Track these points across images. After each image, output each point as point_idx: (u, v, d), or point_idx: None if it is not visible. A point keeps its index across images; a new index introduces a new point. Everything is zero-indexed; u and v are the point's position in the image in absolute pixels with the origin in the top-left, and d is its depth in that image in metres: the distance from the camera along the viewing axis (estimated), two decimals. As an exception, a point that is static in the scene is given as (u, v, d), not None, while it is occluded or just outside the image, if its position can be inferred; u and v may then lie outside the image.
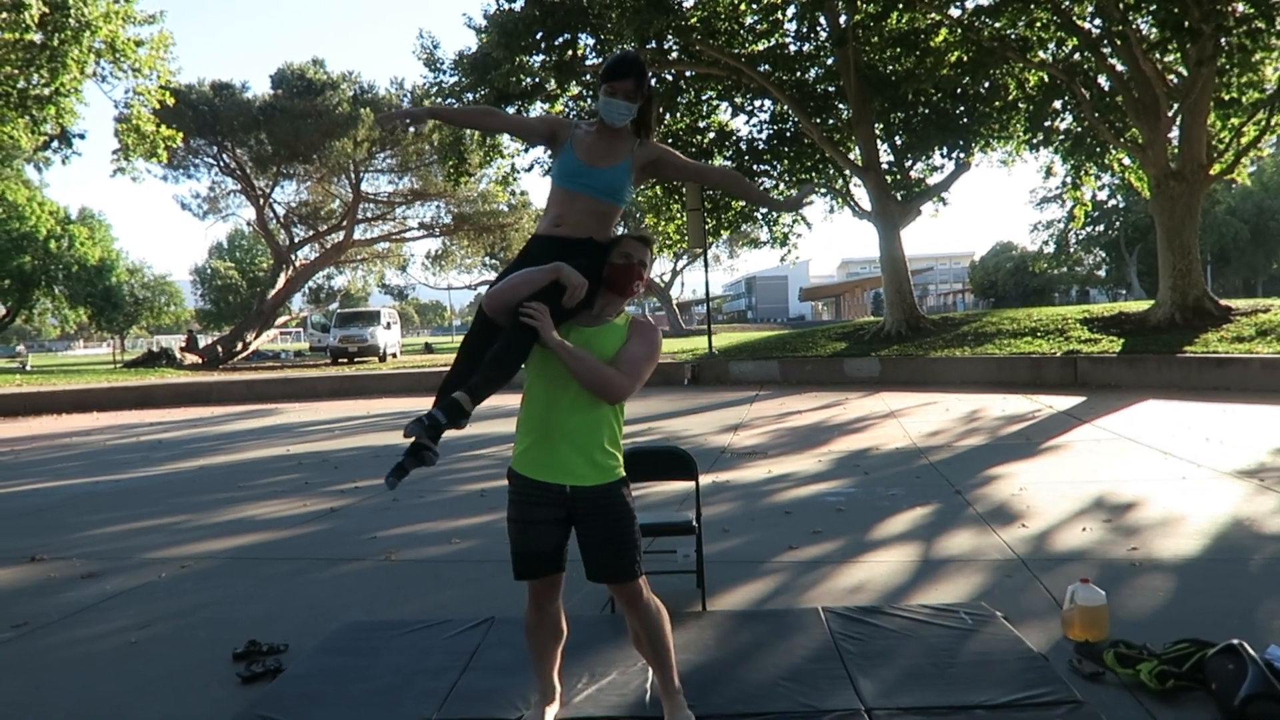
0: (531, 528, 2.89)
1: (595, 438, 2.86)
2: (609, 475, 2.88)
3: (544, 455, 2.86)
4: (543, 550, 2.90)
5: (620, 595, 2.97)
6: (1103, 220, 47.82)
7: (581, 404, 2.83)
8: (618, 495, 2.89)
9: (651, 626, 2.96)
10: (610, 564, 2.88)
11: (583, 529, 2.88)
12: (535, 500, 2.87)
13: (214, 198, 42.58)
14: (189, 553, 6.02)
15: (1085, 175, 21.83)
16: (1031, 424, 10.81)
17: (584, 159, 3.03)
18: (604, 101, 3.00)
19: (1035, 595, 4.48)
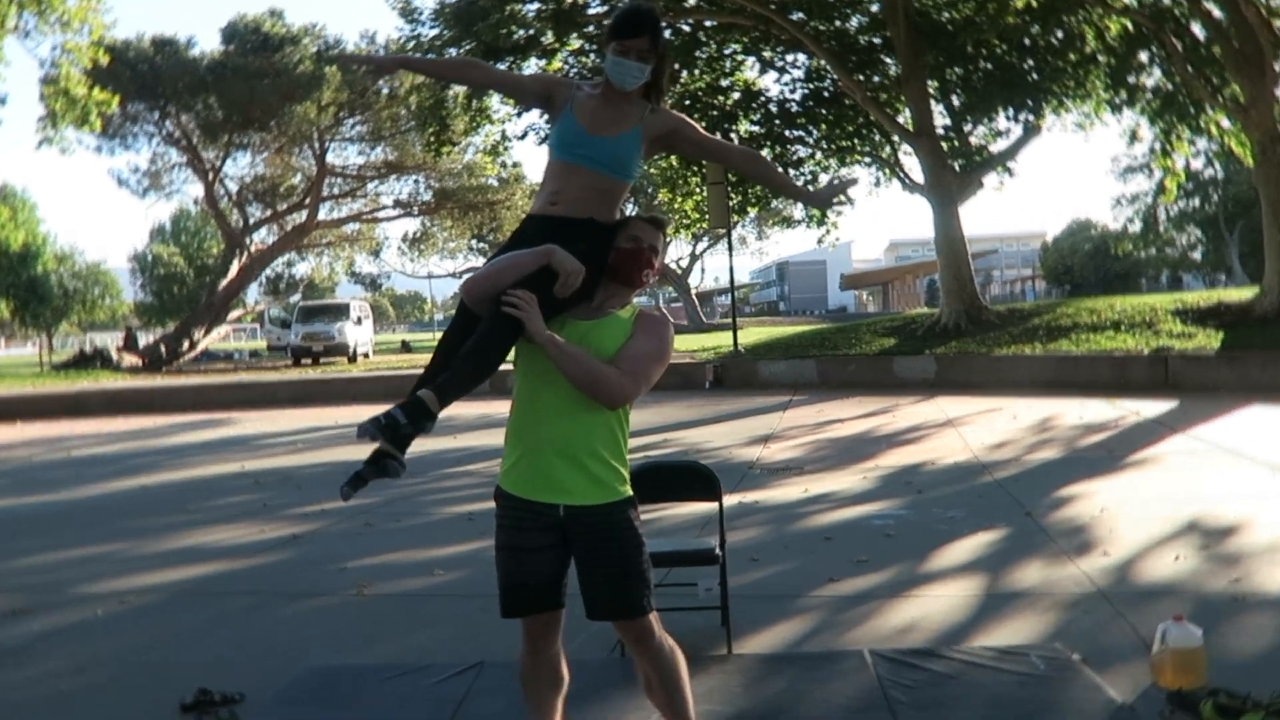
0: (522, 556, 2.84)
1: (592, 448, 2.80)
2: (610, 493, 2.83)
3: (534, 470, 2.82)
4: (535, 583, 2.85)
5: (626, 635, 2.94)
6: (1198, 193, 47.58)
7: (576, 409, 2.78)
8: (621, 516, 2.84)
9: (665, 671, 2.91)
10: (612, 599, 2.85)
11: (580, 557, 2.84)
12: (525, 524, 2.84)
13: (156, 172, 42.66)
14: (130, 586, 6.05)
15: (1177, 140, 21.70)
16: (1114, 433, 10.79)
17: (585, 126, 3.00)
18: (612, 61, 2.95)
19: (1119, 635, 4.47)
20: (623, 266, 2.87)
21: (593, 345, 2.80)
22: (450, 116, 23.03)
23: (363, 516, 7.92)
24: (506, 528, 2.88)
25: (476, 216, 42.59)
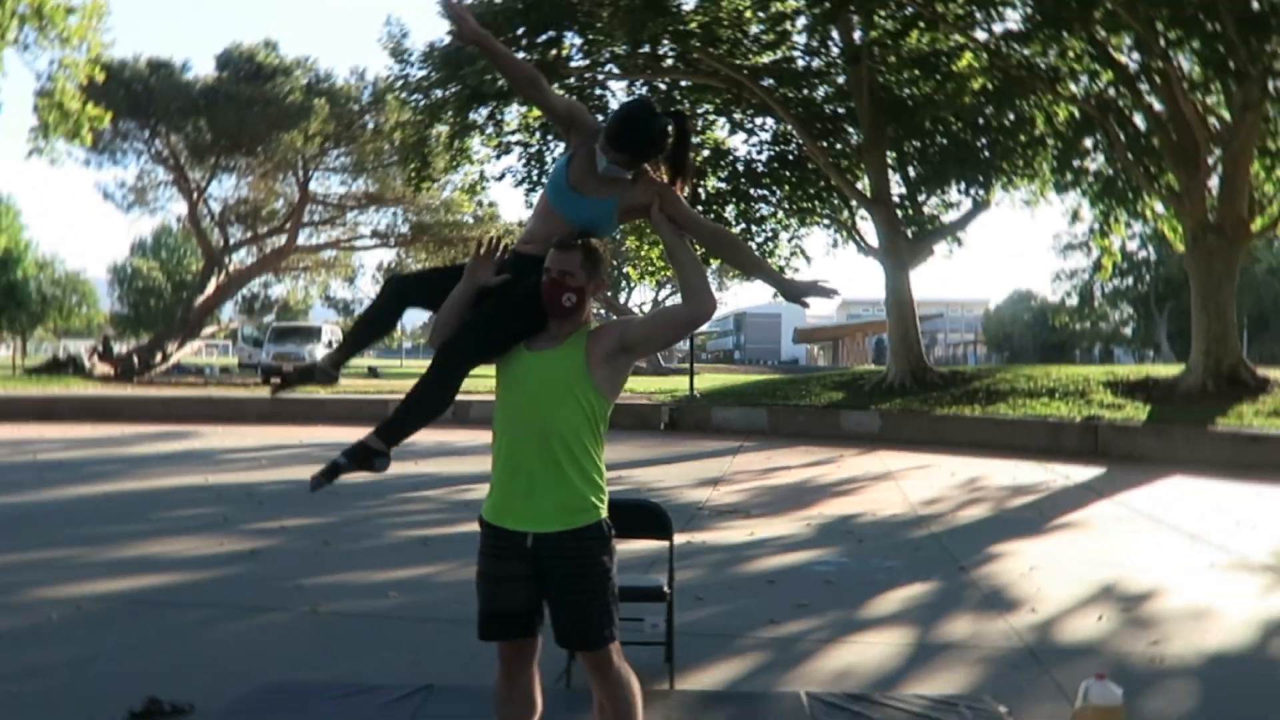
0: (499, 585, 2.82)
1: (560, 473, 2.78)
2: (578, 519, 2.80)
3: (506, 499, 2.83)
4: (511, 609, 2.82)
5: (587, 663, 2.90)
6: (1132, 273, 48.62)
7: (547, 442, 2.76)
8: (589, 545, 2.81)
9: (620, 702, 2.87)
10: (573, 628, 2.82)
11: (548, 585, 2.81)
12: (501, 552, 2.82)
13: (141, 188, 42.26)
14: (86, 592, 5.91)
15: (1115, 222, 22.18)
16: (1045, 496, 10.89)
17: (574, 182, 3.00)
18: (603, 159, 2.92)
19: (1044, 690, 4.48)
20: (544, 297, 2.83)
21: (549, 373, 2.82)
22: (432, 154, 23.04)
23: (321, 536, 7.81)
24: (485, 555, 2.87)
25: (451, 251, 42.45)
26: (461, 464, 13.00)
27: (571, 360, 2.81)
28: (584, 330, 2.90)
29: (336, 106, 37.49)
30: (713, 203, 23.31)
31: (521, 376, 2.85)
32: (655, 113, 3.00)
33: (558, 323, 2.86)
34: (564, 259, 2.79)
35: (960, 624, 5.58)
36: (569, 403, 2.80)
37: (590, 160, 2.98)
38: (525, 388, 2.83)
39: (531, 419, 2.79)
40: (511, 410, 2.85)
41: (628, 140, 2.88)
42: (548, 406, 2.79)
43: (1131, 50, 18.22)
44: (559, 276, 2.78)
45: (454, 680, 4.34)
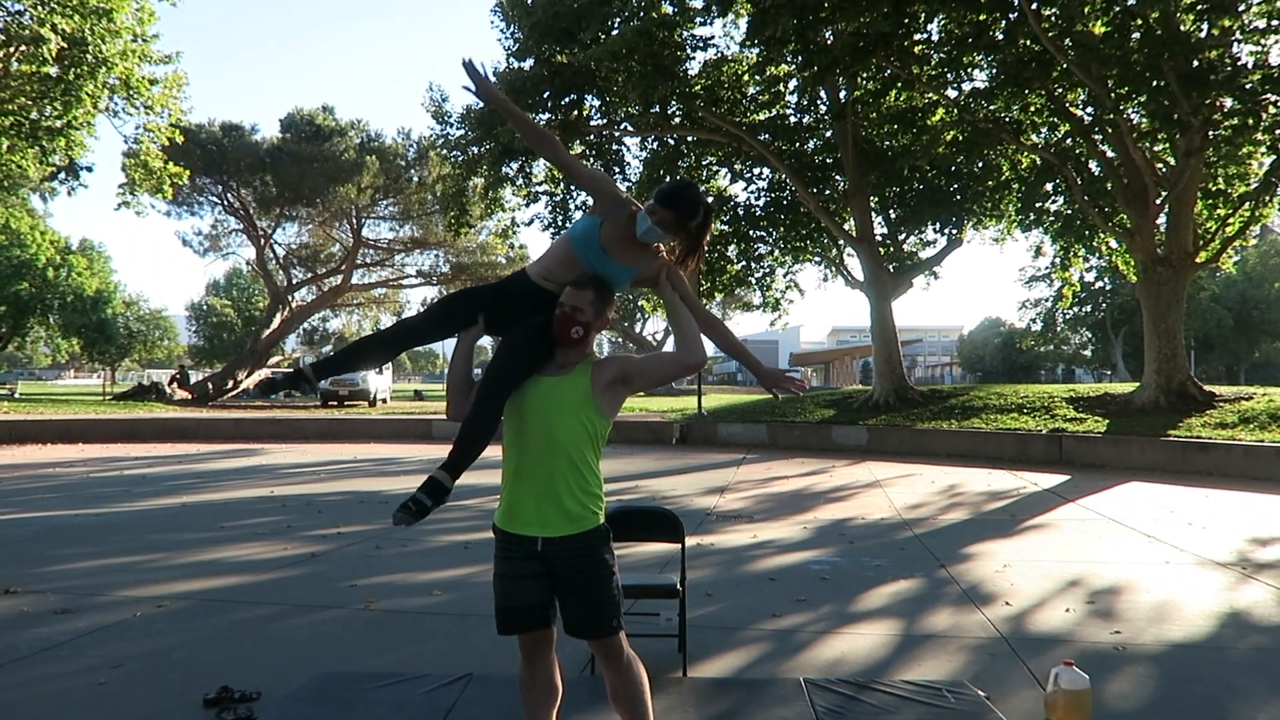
0: (513, 583, 2.85)
1: (564, 482, 2.82)
2: (582, 524, 2.83)
3: (517, 507, 2.86)
4: (525, 605, 2.85)
5: (598, 651, 2.93)
6: (1090, 301, 48.33)
7: (552, 455, 2.82)
8: (592, 546, 2.84)
9: (630, 685, 2.89)
10: (584, 620, 2.84)
11: (558, 582, 2.84)
12: (513, 555, 2.86)
13: (215, 236, 42.75)
14: (165, 592, 5.92)
15: (1074, 257, 22.14)
16: (1015, 500, 10.80)
17: (605, 244, 2.98)
18: (643, 216, 2.94)
19: (1018, 676, 4.42)
20: (555, 328, 2.90)
21: (558, 396, 2.86)
22: (469, 203, 23.18)
23: (373, 541, 7.81)
24: (500, 558, 2.90)
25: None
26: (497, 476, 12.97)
27: (578, 386, 2.87)
28: (589, 360, 2.96)
29: (385, 162, 37.85)
30: (716, 244, 23.35)
31: (532, 399, 2.88)
32: (698, 191, 3.04)
33: (564, 352, 2.94)
34: (577, 296, 2.87)
35: (941, 616, 5.51)
36: (574, 423, 2.85)
37: (624, 226, 2.98)
38: (536, 409, 2.87)
39: (541, 437, 2.84)
40: (522, 429, 2.87)
41: (678, 200, 2.93)
42: (556, 426, 2.84)
43: (1086, 104, 18.23)
44: (570, 311, 2.87)
45: (492, 670, 4.32)
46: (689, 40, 19.93)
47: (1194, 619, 5.45)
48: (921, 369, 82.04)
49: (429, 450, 17.37)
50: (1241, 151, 16.28)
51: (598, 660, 2.98)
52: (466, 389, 3.04)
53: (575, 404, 2.85)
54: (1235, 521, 9.18)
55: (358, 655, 4.68)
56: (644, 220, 2.93)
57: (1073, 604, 5.78)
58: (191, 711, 3.83)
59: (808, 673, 4.40)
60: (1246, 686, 4.30)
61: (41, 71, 18.90)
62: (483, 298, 3.13)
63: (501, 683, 4.06)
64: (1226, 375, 53.44)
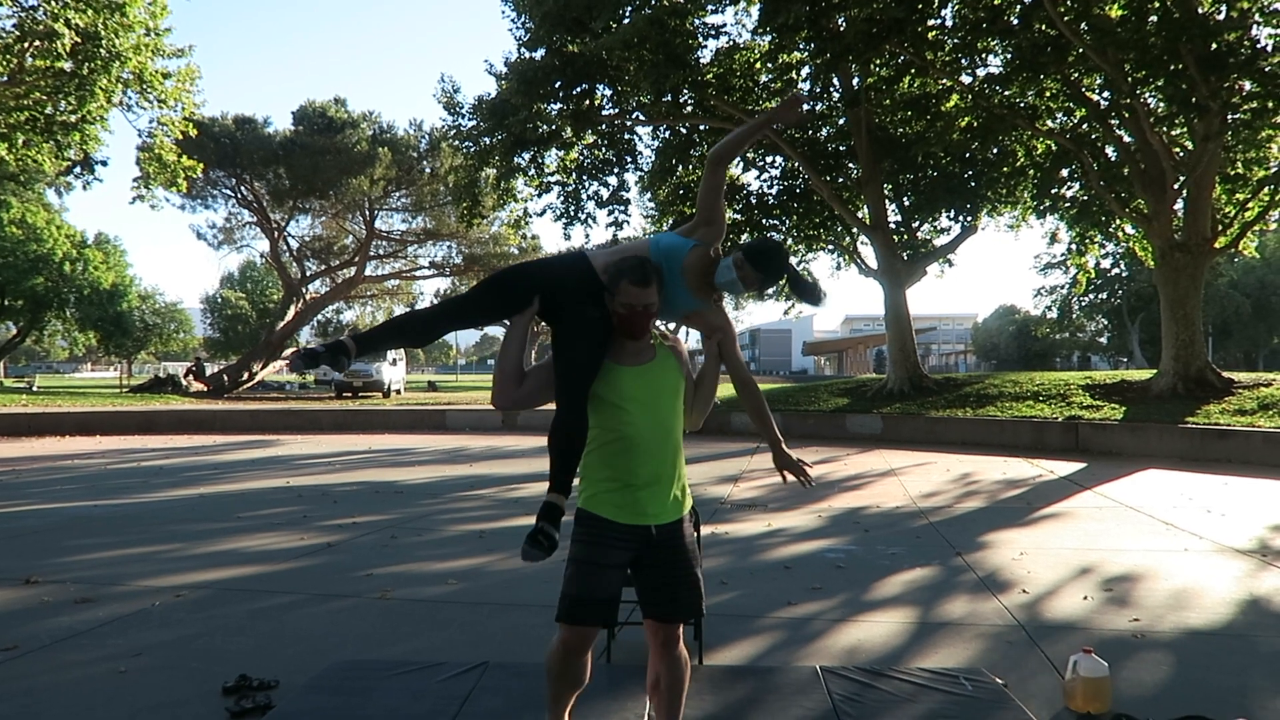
0: (598, 570, 2.75)
1: (671, 469, 2.84)
2: (684, 507, 2.89)
3: (629, 499, 2.78)
4: (607, 596, 2.78)
5: (666, 638, 2.86)
6: (1106, 288, 48.04)
7: (661, 443, 2.80)
8: (689, 530, 2.90)
9: (680, 673, 2.89)
10: (690, 601, 2.83)
11: (658, 566, 2.80)
12: (611, 543, 2.77)
13: (229, 228, 42.93)
14: (184, 581, 5.95)
15: (1090, 243, 22.00)
16: (1032, 488, 10.74)
17: (685, 267, 2.96)
18: (729, 268, 2.93)
19: (1035, 663, 4.40)
20: (625, 327, 2.84)
21: (661, 384, 2.86)
22: (481, 194, 23.17)
23: (388, 531, 7.83)
24: (587, 543, 2.79)
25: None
26: (511, 466, 13.02)
27: (671, 371, 2.89)
28: (661, 345, 2.95)
29: (398, 154, 37.89)
30: (729, 233, 23.30)
31: (632, 389, 2.82)
32: (788, 259, 3.02)
33: (636, 342, 2.89)
34: (644, 294, 2.78)
35: (958, 604, 5.49)
36: (676, 405, 2.88)
37: (709, 261, 2.98)
38: (641, 399, 2.82)
39: (653, 425, 2.80)
40: (625, 419, 2.79)
41: (766, 264, 2.92)
42: (663, 412, 2.83)
43: (1102, 89, 18.07)
44: (644, 310, 2.80)
45: (507, 657, 4.33)
46: (700, 28, 19.83)
47: (1213, 606, 5.41)
48: (936, 357, 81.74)
49: (443, 441, 17.42)
50: (1261, 135, 16.11)
51: (658, 648, 2.89)
52: (519, 377, 2.90)
53: (675, 390, 2.88)
54: (1255, 508, 9.11)
55: (374, 644, 4.70)
56: (727, 271, 2.92)
57: (1090, 591, 5.75)
58: (210, 700, 3.86)
59: (824, 660, 4.39)
60: (1267, 673, 4.27)
61: (56, 66, 19.00)
62: (537, 279, 2.97)
63: (517, 670, 4.07)
64: (1245, 361, 53.02)
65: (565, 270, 2.98)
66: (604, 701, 3.73)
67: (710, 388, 3.02)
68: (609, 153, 22.49)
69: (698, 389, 3.01)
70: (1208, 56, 14.48)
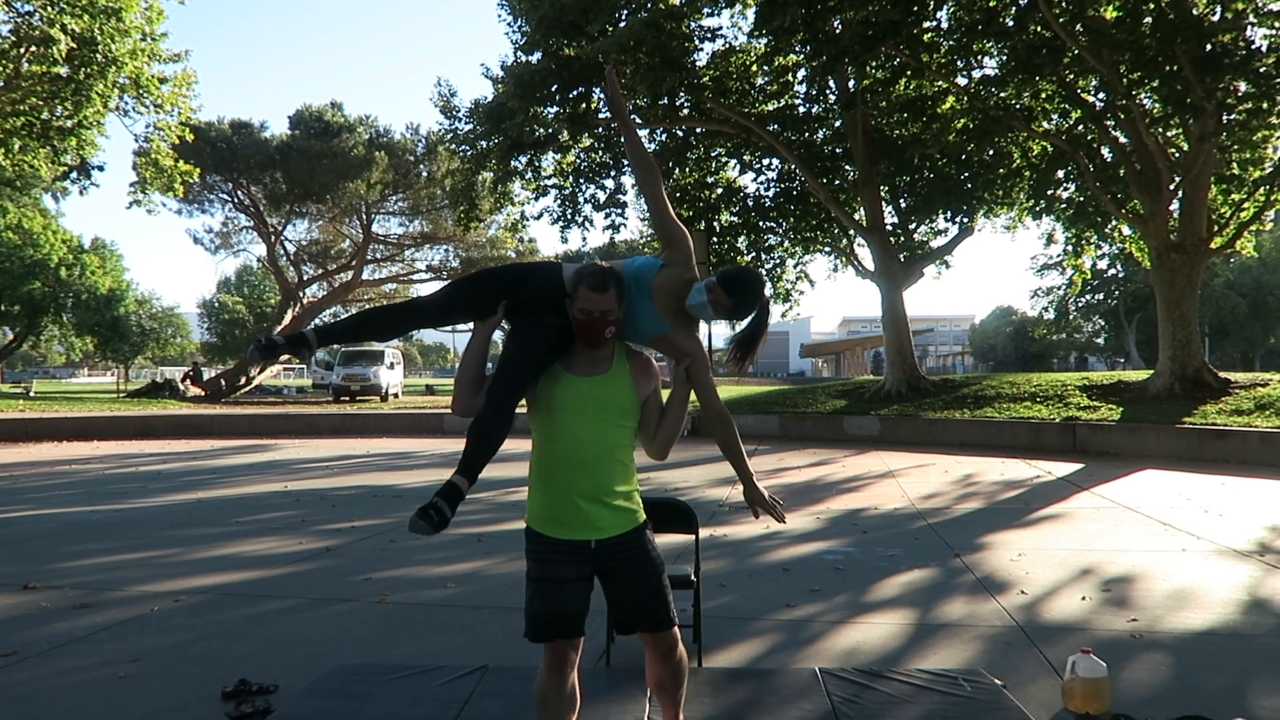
0: (554, 587, 2.73)
1: (613, 488, 2.76)
2: (631, 521, 2.80)
3: (562, 512, 2.75)
4: (570, 610, 2.74)
5: (655, 644, 2.85)
6: (1102, 289, 48.12)
7: (596, 455, 2.74)
8: (641, 541, 2.81)
9: (681, 677, 2.90)
10: (646, 614, 2.80)
11: (612, 581, 2.78)
12: (558, 559, 2.75)
13: (226, 233, 42.92)
14: (182, 586, 5.95)
15: (1086, 244, 22.03)
16: (1030, 489, 10.75)
17: (654, 288, 2.90)
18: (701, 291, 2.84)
19: (1034, 664, 4.41)
20: (583, 332, 2.78)
21: (604, 397, 2.78)
22: (478, 197, 23.16)
23: (387, 535, 7.84)
24: (540, 562, 2.77)
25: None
26: (506, 469, 13.00)
27: (622, 389, 2.81)
28: (621, 356, 2.86)
29: (395, 158, 37.92)
30: (726, 235, 23.32)
31: (573, 400, 2.78)
32: (764, 290, 2.95)
33: (592, 350, 2.82)
34: (602, 300, 2.72)
35: (956, 605, 5.50)
36: (622, 421, 2.80)
37: (680, 284, 2.91)
38: (580, 410, 2.77)
39: (590, 438, 2.74)
40: (563, 430, 2.76)
41: (739, 290, 2.84)
42: (605, 425, 2.77)
43: (1098, 90, 18.10)
44: (599, 316, 2.73)
45: (507, 661, 4.33)
46: (697, 31, 19.86)
47: (1212, 606, 5.42)
48: (933, 359, 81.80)
49: (441, 444, 17.41)
50: (1256, 136, 16.13)
51: (650, 653, 2.89)
52: (479, 384, 2.85)
53: (622, 406, 2.80)
54: (1252, 508, 9.12)
55: (373, 648, 4.70)
56: (699, 294, 2.84)
57: (1088, 592, 5.76)
58: (209, 704, 3.86)
59: (823, 662, 4.40)
60: (1266, 673, 4.28)
61: (52, 72, 19.01)
62: (506, 285, 2.97)
63: (517, 674, 4.07)
64: (1241, 362, 53.11)
65: (534, 277, 2.95)
66: (604, 704, 3.73)
67: (676, 416, 2.90)
68: (605, 156, 22.50)
69: (663, 416, 2.90)
70: (1203, 57, 14.51)
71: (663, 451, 2.89)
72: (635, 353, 2.92)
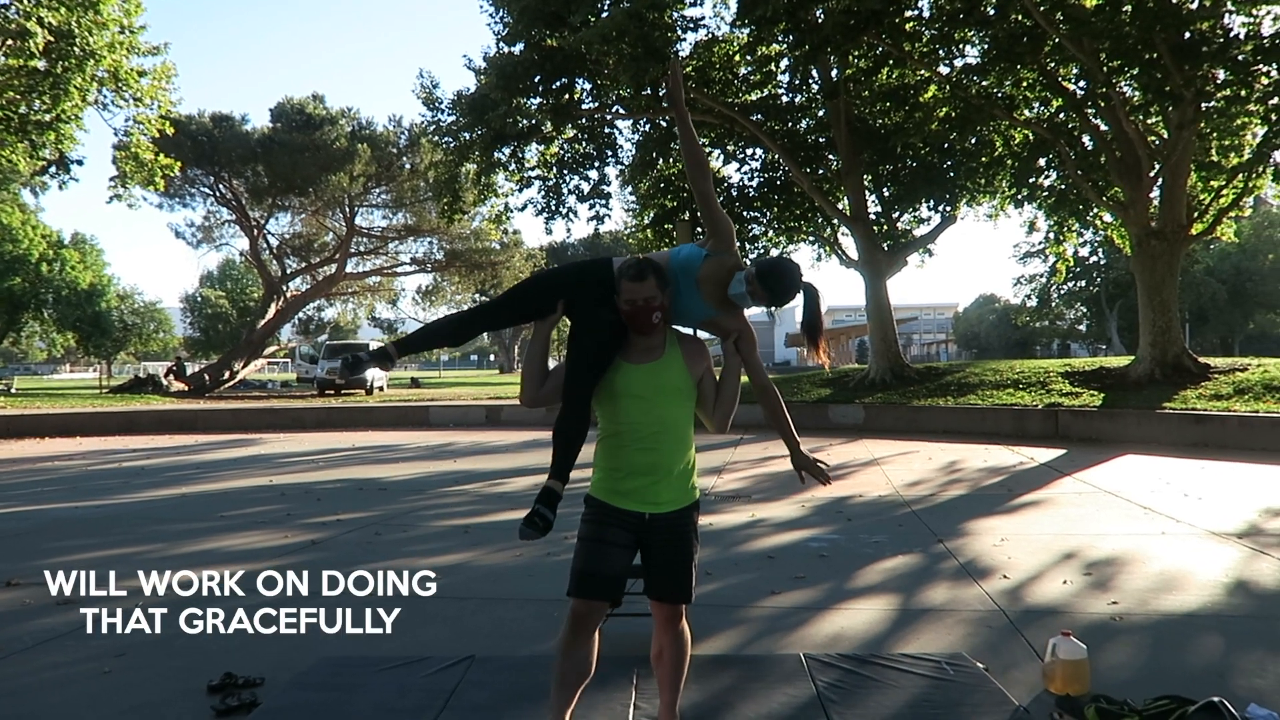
0: (605, 548, 2.92)
1: (671, 461, 2.96)
2: (686, 498, 3.01)
3: (626, 487, 2.95)
4: (612, 573, 2.93)
5: (668, 616, 3.05)
6: (1084, 276, 48.37)
7: (662, 433, 2.95)
8: (690, 519, 3.02)
9: (681, 650, 3.08)
10: (676, 585, 2.99)
11: (653, 550, 2.97)
12: (611, 523, 2.94)
13: (208, 227, 42.58)
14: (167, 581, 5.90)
15: (1068, 231, 22.14)
16: (1013, 475, 10.83)
17: (701, 278, 3.04)
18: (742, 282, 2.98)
19: (1016, 647, 4.45)
20: (632, 322, 2.96)
21: (663, 381, 2.96)
22: (462, 189, 23.05)
23: (372, 528, 7.82)
24: (592, 523, 2.96)
25: (480, 275, 42.65)
26: (495, 461, 13.01)
27: (678, 373, 2.99)
28: (671, 339, 3.04)
29: (377, 150, 37.69)
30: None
31: (634, 385, 2.96)
32: (801, 278, 3.04)
33: (646, 338, 2.99)
34: (642, 289, 2.90)
35: (939, 591, 5.54)
36: (679, 402, 2.99)
37: (724, 272, 3.04)
38: (641, 395, 2.95)
39: (652, 421, 2.94)
40: (627, 413, 2.95)
41: (773, 282, 2.96)
42: (664, 407, 2.95)
43: (1078, 79, 18.19)
44: (644, 304, 2.90)
45: (493, 651, 4.34)
46: (679, 21, 19.78)
47: (1191, 588, 5.48)
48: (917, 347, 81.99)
49: (427, 437, 17.38)
50: (1235, 123, 16.27)
51: (660, 624, 3.08)
52: (544, 376, 3.11)
53: (678, 388, 2.98)
54: (1231, 491, 9.23)
55: (360, 640, 4.69)
56: (739, 284, 2.99)
57: (1070, 576, 5.82)
58: (196, 697, 3.85)
59: (808, 648, 4.43)
60: (1244, 653, 4.33)
61: (29, 65, 18.79)
62: (564, 284, 3.15)
63: (503, 664, 4.09)
64: (1221, 347, 53.54)
65: (586, 274, 3.13)
66: (591, 692, 3.73)
67: (730, 389, 3.09)
68: (589, 147, 22.44)
69: (719, 390, 3.09)
70: (1181, 45, 14.61)
71: (723, 424, 3.10)
72: (686, 337, 3.11)
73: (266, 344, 42.67)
